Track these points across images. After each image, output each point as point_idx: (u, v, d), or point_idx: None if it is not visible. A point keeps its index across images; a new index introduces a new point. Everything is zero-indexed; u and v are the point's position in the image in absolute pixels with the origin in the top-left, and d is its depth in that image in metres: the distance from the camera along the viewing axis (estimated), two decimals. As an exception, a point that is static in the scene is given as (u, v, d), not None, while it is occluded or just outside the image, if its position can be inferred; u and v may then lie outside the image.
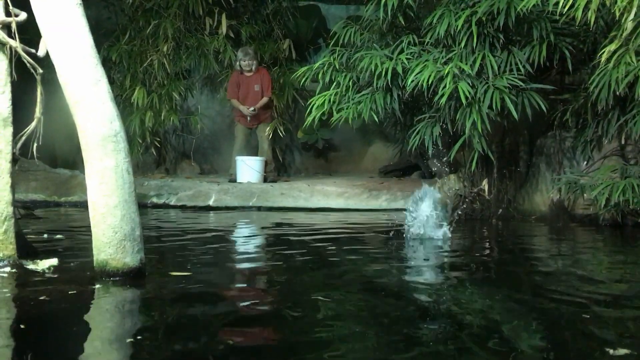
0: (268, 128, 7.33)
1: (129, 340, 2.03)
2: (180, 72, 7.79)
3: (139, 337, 2.05)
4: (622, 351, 1.87)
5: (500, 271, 3.35)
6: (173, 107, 7.62)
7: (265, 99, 7.23)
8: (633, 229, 4.71)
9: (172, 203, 6.39)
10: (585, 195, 4.79)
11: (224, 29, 7.59)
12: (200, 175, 8.00)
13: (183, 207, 6.30)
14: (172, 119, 7.57)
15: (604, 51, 4.10)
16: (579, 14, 3.93)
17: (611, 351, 1.88)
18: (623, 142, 4.90)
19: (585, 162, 5.09)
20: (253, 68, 7.14)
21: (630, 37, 3.93)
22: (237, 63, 7.18)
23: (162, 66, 7.54)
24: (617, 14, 3.88)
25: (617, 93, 4.20)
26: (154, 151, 7.84)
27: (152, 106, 7.48)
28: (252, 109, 7.12)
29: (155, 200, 6.41)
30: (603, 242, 4.37)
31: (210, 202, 6.43)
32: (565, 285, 2.92)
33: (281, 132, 7.57)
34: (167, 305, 2.48)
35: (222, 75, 7.78)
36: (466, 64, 4.52)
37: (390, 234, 4.23)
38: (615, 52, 4.03)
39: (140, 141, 7.58)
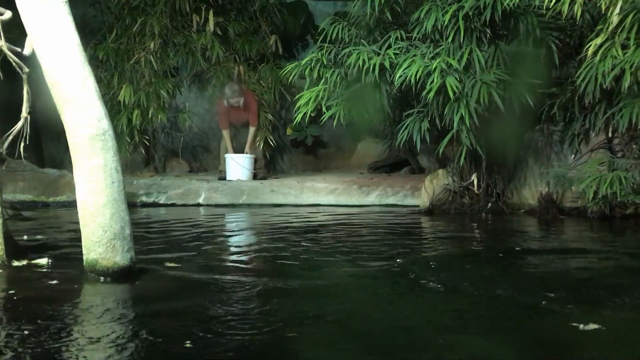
0: (258, 138, 7.35)
1: (118, 340, 2.02)
2: (168, 69, 7.75)
3: (128, 337, 2.05)
4: (592, 326, 1.97)
5: (486, 259, 3.40)
6: (161, 105, 7.58)
7: (253, 130, 7.28)
8: (620, 220, 4.76)
9: (161, 201, 6.37)
10: (573, 188, 4.82)
11: (211, 26, 7.56)
12: (189, 173, 7.98)
13: (173, 206, 6.28)
14: (160, 117, 7.53)
15: (591, 45, 4.13)
16: (565, 8, 3.96)
17: (581, 326, 1.97)
18: (610, 135, 4.93)
19: (573, 156, 5.12)
20: (241, 104, 7.13)
21: (616, 31, 3.97)
22: (225, 100, 7.15)
23: (150, 64, 7.50)
24: (603, 8, 3.92)
25: (604, 86, 4.23)
26: (143, 150, 7.80)
27: (140, 104, 7.44)
28: (247, 153, 7.19)
29: (144, 199, 6.38)
30: (590, 233, 4.41)
31: (200, 200, 6.42)
32: (547, 271, 2.99)
33: (271, 141, 7.57)
34: (158, 304, 2.47)
35: (210, 72, 7.76)
36: (453, 58, 4.54)
37: None
38: (601, 45, 4.06)
39: (129, 140, 7.54)
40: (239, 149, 7.35)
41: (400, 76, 4.57)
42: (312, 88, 5.25)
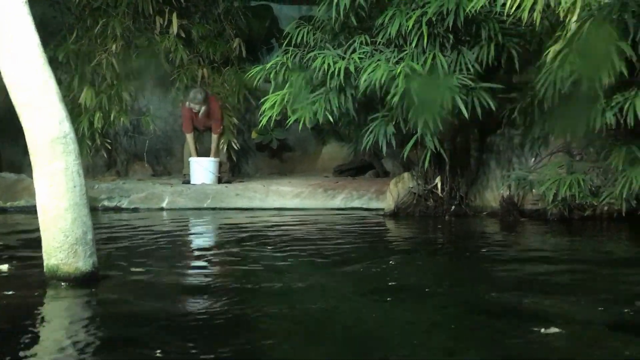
0: (222, 141, 7.30)
1: (84, 350, 1.98)
2: (131, 72, 7.64)
3: (95, 347, 2.01)
4: (553, 330, 2.02)
5: (448, 261, 3.44)
6: (123, 107, 7.47)
7: (215, 138, 7.22)
8: (579, 222, 4.87)
9: (124, 206, 6.27)
10: (534, 190, 4.93)
11: (174, 28, 7.48)
12: (152, 177, 7.87)
13: (135, 210, 6.19)
14: (122, 120, 7.42)
15: (550, 51, 4.23)
16: (525, 15, 4.04)
17: (542, 330, 2.01)
18: (569, 138, 5.05)
19: (533, 159, 5.23)
20: (201, 113, 7.05)
21: (573, 38, 4.07)
22: (187, 103, 7.08)
23: (111, 66, 7.38)
24: (562, 15, 4.01)
25: (562, 91, 4.33)
26: (105, 153, 7.66)
27: (102, 107, 7.32)
28: (212, 159, 7.12)
29: (106, 203, 6.28)
30: (549, 235, 4.50)
31: (164, 205, 6.35)
32: (509, 273, 3.04)
33: (235, 144, 7.52)
34: (123, 311, 2.43)
35: (173, 75, 7.68)
36: (417, 63, 4.59)
37: None
38: (560, 52, 4.16)
39: (90, 143, 7.40)
40: (203, 153, 7.29)
41: (365, 80, 4.60)
42: (277, 92, 5.24)
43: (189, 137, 7.19)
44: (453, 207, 5.40)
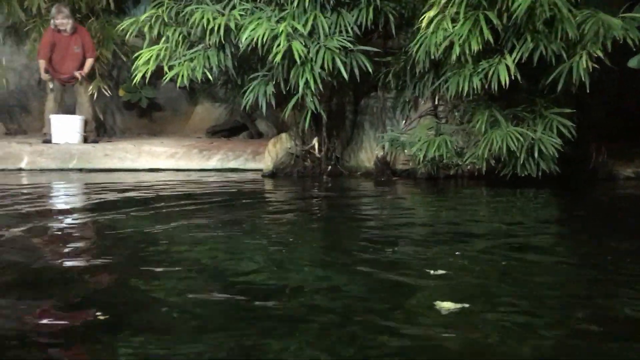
0: (91, 87, 6.83)
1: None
2: (-22, 19, 6.89)
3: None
4: (440, 271, 2.22)
5: (326, 218, 3.56)
6: (-30, 59, 6.74)
7: (90, 61, 6.73)
8: (444, 181, 5.22)
9: (-25, 166, 5.72)
10: (405, 151, 5.19)
11: (30, -27, 6.82)
12: (7, 135, 7.23)
13: (-11, 172, 5.67)
14: (-32, 72, 6.70)
15: (425, 17, 4.43)
16: (402, -20, 4.19)
17: (432, 272, 2.21)
18: (436, 102, 5.36)
19: (404, 121, 5.49)
20: (68, 28, 6.53)
21: (447, 5, 4.29)
22: (52, 21, 6.51)
23: (-45, 12, 6.61)
24: (436, -17, 4.21)
25: (435, 57, 4.56)
26: (-52, 109, 6.91)
27: (-56, 58, 6.55)
28: (79, 73, 6.63)
29: (-46, 163, 5.69)
30: (420, 192, 4.78)
31: (23, 165, 5.90)
32: (389, 228, 3.20)
33: (106, 90, 7.09)
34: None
35: (29, 24, 7.02)
36: (299, 23, 4.60)
37: None
38: (433, 18, 4.38)
39: None
40: (67, 110, 6.80)
41: (247, 38, 4.53)
42: (152, 47, 5.01)
43: (41, 64, 6.56)
44: (329, 167, 5.55)
